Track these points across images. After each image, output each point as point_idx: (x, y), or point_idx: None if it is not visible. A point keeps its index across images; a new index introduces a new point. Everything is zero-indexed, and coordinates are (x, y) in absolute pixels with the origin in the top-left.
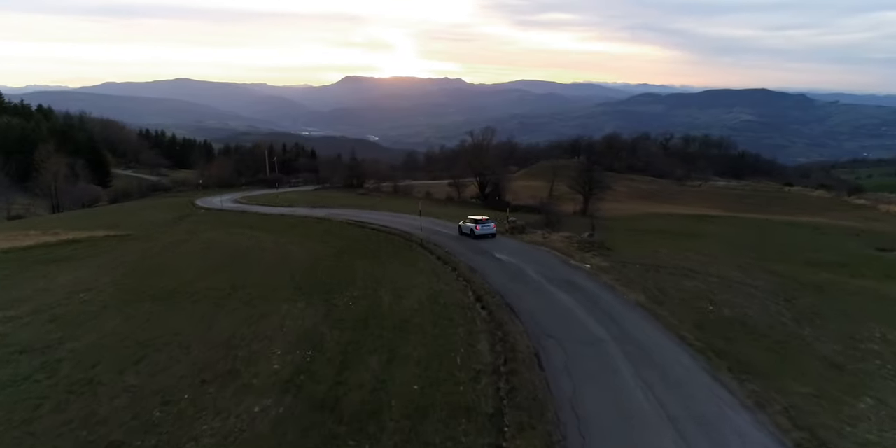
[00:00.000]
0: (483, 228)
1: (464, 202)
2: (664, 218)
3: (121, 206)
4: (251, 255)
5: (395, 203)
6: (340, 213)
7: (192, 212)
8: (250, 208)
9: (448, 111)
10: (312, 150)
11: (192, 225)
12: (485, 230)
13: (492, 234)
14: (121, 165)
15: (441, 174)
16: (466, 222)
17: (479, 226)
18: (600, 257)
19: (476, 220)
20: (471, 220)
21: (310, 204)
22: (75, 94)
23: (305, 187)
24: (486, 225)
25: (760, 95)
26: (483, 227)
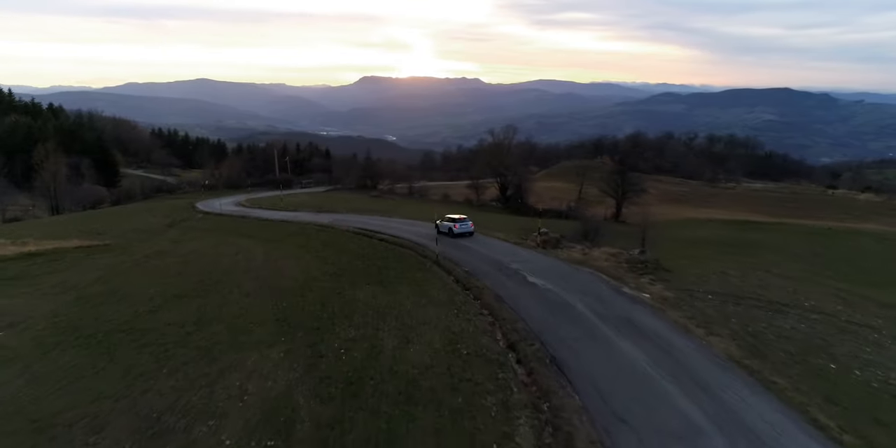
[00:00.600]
0: (461, 227)
1: (483, 205)
2: (705, 224)
3: (119, 209)
4: (233, 275)
5: (410, 208)
6: (347, 220)
7: (188, 216)
8: (251, 212)
9: (466, 111)
10: (327, 150)
11: (182, 232)
12: (463, 229)
13: (469, 232)
14: (132, 165)
15: (459, 175)
16: (444, 221)
17: (458, 224)
18: (659, 283)
19: (454, 218)
20: (449, 218)
21: (316, 208)
22: (98, 94)
23: (317, 188)
24: (464, 223)
25: (783, 95)
26: (461, 226)
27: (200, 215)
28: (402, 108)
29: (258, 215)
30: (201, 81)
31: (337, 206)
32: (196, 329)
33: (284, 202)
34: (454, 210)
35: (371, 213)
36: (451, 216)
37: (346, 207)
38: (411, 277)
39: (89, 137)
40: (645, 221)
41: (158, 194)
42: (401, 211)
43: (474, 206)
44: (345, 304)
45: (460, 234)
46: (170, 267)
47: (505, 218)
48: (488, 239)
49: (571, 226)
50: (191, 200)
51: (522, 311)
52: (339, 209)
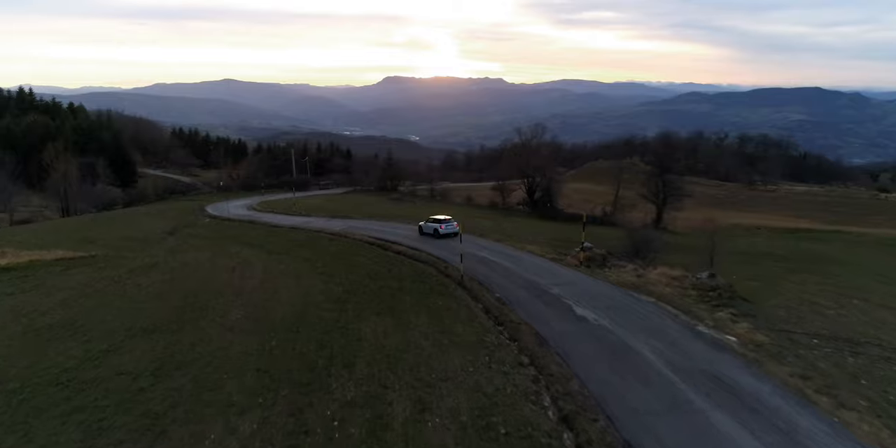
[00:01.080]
0: (447, 228)
1: (509, 209)
2: (755, 233)
3: (127, 212)
4: (221, 299)
5: (431, 212)
6: (362, 228)
7: (194, 221)
8: (261, 218)
9: (488, 111)
10: (348, 150)
11: (182, 240)
12: (449, 230)
13: (455, 233)
14: (152, 165)
15: (483, 176)
16: (428, 223)
17: (444, 225)
18: (742, 319)
19: (439, 219)
20: (433, 219)
21: (330, 213)
22: (127, 94)
23: (335, 190)
24: (449, 224)
25: (813, 94)
26: (447, 227)
27: (207, 220)
28: (425, 107)
29: (268, 221)
30: (227, 82)
31: (353, 211)
32: (152, 382)
33: (297, 206)
34: (478, 214)
35: (389, 219)
36: (436, 217)
37: (363, 212)
38: (431, 305)
39: (106, 137)
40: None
41: (171, 196)
42: (421, 217)
43: (499, 209)
44: (347, 345)
45: (446, 234)
46: (152, 286)
47: (534, 224)
48: (520, 253)
49: (610, 234)
50: (202, 203)
51: (574, 360)
52: (355, 214)
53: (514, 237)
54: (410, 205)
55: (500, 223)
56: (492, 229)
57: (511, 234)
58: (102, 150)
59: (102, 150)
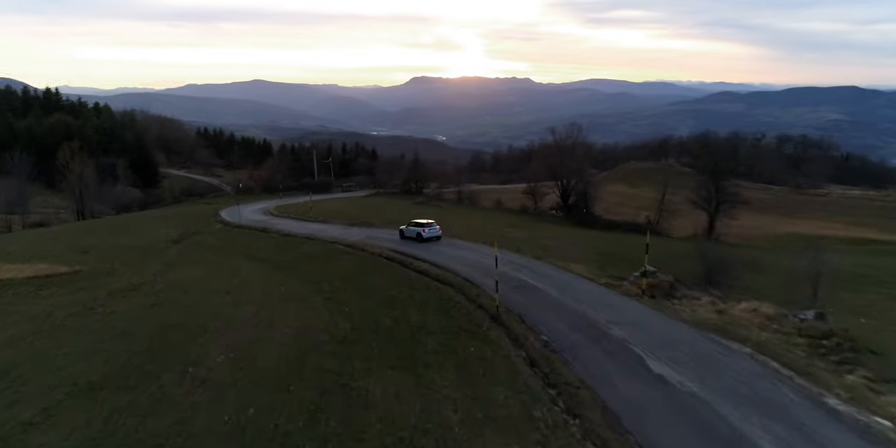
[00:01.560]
0: (430, 231)
1: (541, 214)
2: (820, 245)
3: (137, 216)
4: (202, 337)
5: (458, 219)
6: (383, 238)
7: (204, 227)
8: (276, 224)
9: (516, 111)
10: (373, 150)
11: (184, 251)
12: (431, 233)
13: (437, 236)
14: (176, 165)
15: (511, 177)
16: (410, 226)
17: (427, 229)
18: (884, 385)
19: (421, 223)
20: (415, 223)
21: (349, 219)
22: (160, 95)
23: (358, 193)
24: (432, 228)
25: (849, 93)
26: (430, 230)
27: (218, 226)
28: (452, 107)
29: (282, 228)
30: (257, 83)
31: (374, 217)
32: None
33: (314, 211)
34: (509, 220)
35: None
36: (419, 221)
37: (384, 218)
38: (460, 352)
39: (129, 137)
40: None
41: (189, 198)
42: (448, 225)
43: (531, 214)
44: (348, 419)
45: (429, 238)
46: (125, 317)
47: (571, 233)
48: (566, 275)
49: (663, 248)
50: (218, 206)
51: None
52: (376, 221)
53: (555, 252)
54: (436, 209)
55: (535, 233)
56: (527, 241)
57: (550, 249)
58: (125, 151)
59: (125, 151)
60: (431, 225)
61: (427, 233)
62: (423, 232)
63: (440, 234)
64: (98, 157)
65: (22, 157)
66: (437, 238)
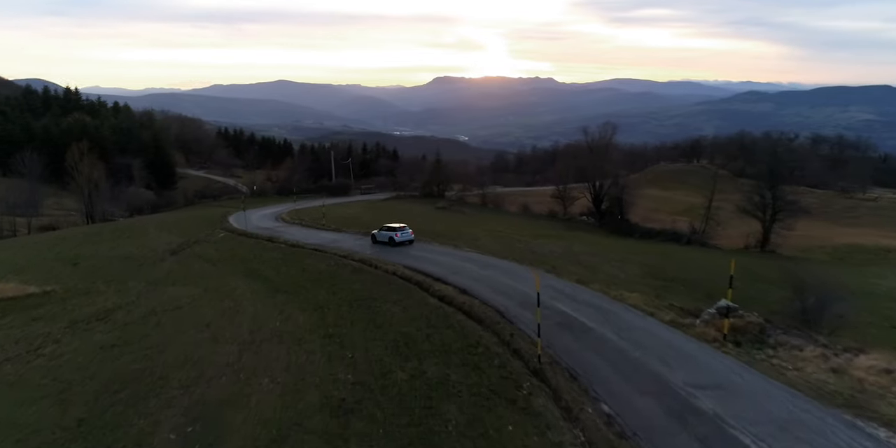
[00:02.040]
0: (402, 236)
1: (571, 220)
2: (888, 258)
3: (145, 221)
4: (158, 394)
5: (485, 226)
6: (401, 251)
7: (208, 235)
8: (285, 232)
9: (539, 110)
10: (394, 151)
11: (178, 265)
12: (404, 237)
13: (410, 240)
14: (195, 165)
15: (536, 179)
16: (382, 230)
17: (399, 233)
18: None
19: (394, 227)
20: (387, 227)
21: (365, 228)
22: (186, 96)
23: (377, 195)
24: (404, 232)
25: (882, 92)
26: (402, 235)
27: (222, 234)
28: (474, 107)
29: (290, 237)
30: (281, 83)
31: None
32: None
33: (328, 218)
34: (537, 228)
35: (434, 239)
36: (391, 225)
37: None
38: (492, 431)
39: (146, 137)
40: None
41: (202, 200)
42: (473, 235)
43: (560, 220)
44: None
45: (401, 242)
46: (75, 362)
47: (609, 245)
48: (619, 307)
49: (714, 263)
50: (229, 210)
51: None
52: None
53: (599, 273)
54: (459, 215)
55: (568, 245)
56: (563, 257)
57: (591, 268)
58: (142, 151)
59: (142, 151)
60: (404, 229)
61: (399, 237)
62: (395, 236)
63: (413, 238)
64: (114, 157)
65: (32, 158)
66: (409, 242)
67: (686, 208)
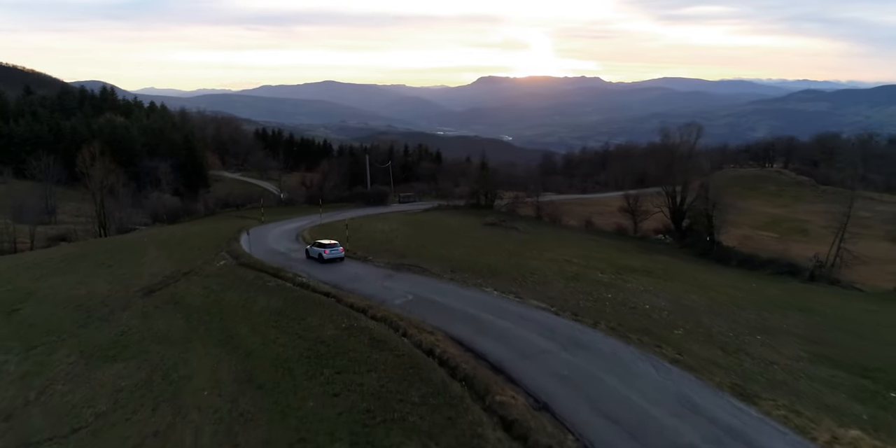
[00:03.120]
0: (332, 253)
1: (644, 239)
2: None
3: (149, 236)
4: None
5: (547, 251)
6: (442, 306)
7: (207, 262)
8: (299, 260)
9: (584, 110)
10: (437, 153)
11: (137, 320)
12: (333, 254)
13: (340, 258)
14: (231, 167)
15: (592, 185)
16: (314, 246)
17: (328, 250)
18: None
19: (324, 244)
20: (319, 243)
21: (397, 256)
22: (236, 96)
23: (417, 204)
24: (334, 249)
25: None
26: (332, 252)
27: (222, 262)
28: (519, 107)
29: (302, 270)
30: (328, 84)
31: (432, 251)
32: None
33: (355, 239)
34: (611, 252)
35: (488, 277)
36: (322, 241)
37: (445, 256)
38: None
39: (177, 138)
40: None
41: (224, 210)
42: (538, 271)
43: (631, 238)
44: None
45: (331, 259)
46: None
47: (714, 284)
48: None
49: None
50: (248, 222)
51: None
52: (432, 259)
53: (749, 362)
54: (512, 233)
55: (667, 286)
56: (679, 321)
57: (731, 348)
58: (172, 153)
59: (172, 153)
60: (335, 246)
61: (329, 254)
62: (324, 253)
63: (343, 256)
64: (142, 160)
65: (48, 160)
66: (340, 259)
67: (769, 222)
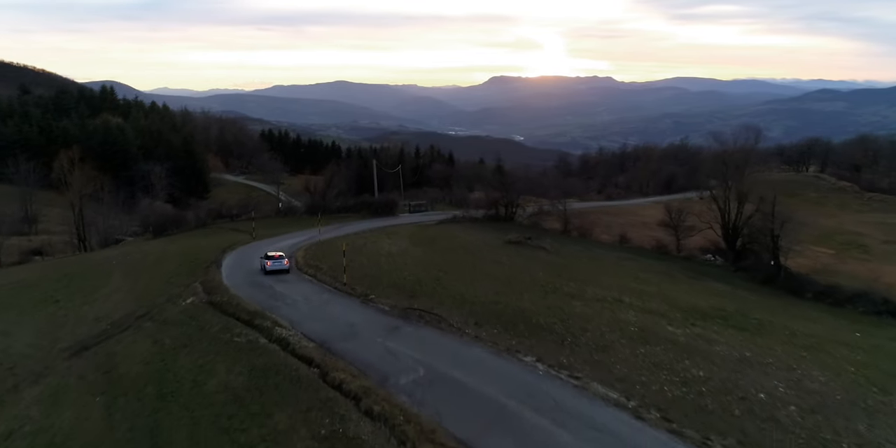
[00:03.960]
0: (274, 264)
1: (690, 260)
2: None
3: (124, 255)
4: None
5: (586, 282)
6: (463, 384)
7: (170, 300)
8: (284, 297)
9: (597, 110)
10: (450, 155)
11: (33, 410)
12: (276, 267)
13: (284, 270)
14: (235, 170)
15: (616, 191)
16: (263, 258)
17: (271, 262)
18: None
19: (271, 255)
20: (267, 255)
21: (405, 296)
22: (249, 96)
23: (429, 215)
24: (277, 261)
25: None
26: (274, 264)
27: (189, 300)
28: (530, 107)
29: (284, 314)
30: (340, 84)
31: (447, 286)
32: None
33: (353, 268)
34: (660, 279)
35: (522, 336)
36: (270, 253)
37: (464, 293)
38: None
39: (175, 140)
40: None
41: (216, 221)
42: (588, 321)
43: (675, 258)
44: None
45: (273, 271)
46: None
47: (816, 333)
48: None
49: None
50: (238, 238)
51: None
52: (449, 303)
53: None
54: (542, 255)
55: (769, 349)
56: (791, 385)
57: None
58: (170, 156)
59: (170, 156)
60: (279, 258)
61: (271, 266)
62: (266, 264)
63: (287, 268)
64: (137, 163)
65: (27, 164)
66: (284, 271)
67: (823, 235)
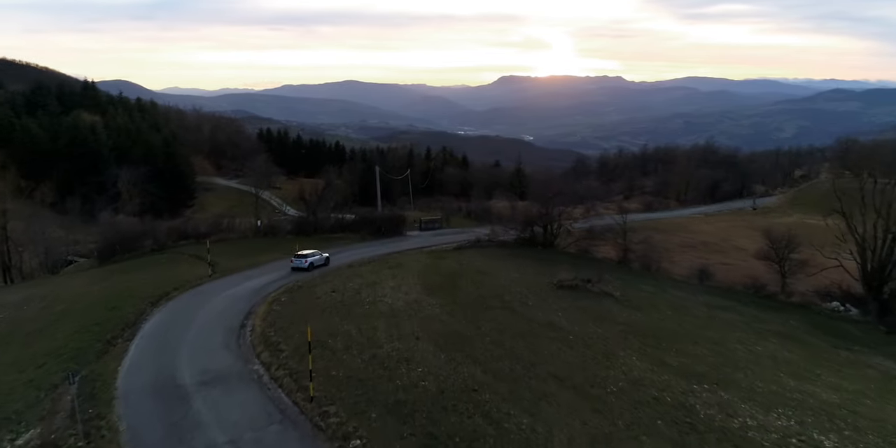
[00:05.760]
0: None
1: (807, 308)
2: None
3: (47, 295)
4: None
5: (727, 393)
6: None
7: (11, 423)
8: (194, 427)
9: (606, 110)
10: (464, 158)
11: None
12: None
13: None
14: (228, 173)
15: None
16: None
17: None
18: None
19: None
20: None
21: (420, 440)
22: (258, 96)
23: (445, 236)
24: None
25: None
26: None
27: (27, 436)
28: (540, 107)
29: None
30: (349, 83)
31: (492, 402)
32: None
33: (327, 359)
34: (792, 356)
35: None
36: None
37: (518, 427)
38: None
39: (155, 140)
40: None
41: (178, 244)
42: None
43: (782, 306)
44: None
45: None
46: None
47: None
48: None
49: None
50: (193, 272)
51: None
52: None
53: None
54: (612, 309)
55: None
56: None
57: None
58: (148, 159)
59: (148, 159)
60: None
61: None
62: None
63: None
64: (109, 167)
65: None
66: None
67: None
